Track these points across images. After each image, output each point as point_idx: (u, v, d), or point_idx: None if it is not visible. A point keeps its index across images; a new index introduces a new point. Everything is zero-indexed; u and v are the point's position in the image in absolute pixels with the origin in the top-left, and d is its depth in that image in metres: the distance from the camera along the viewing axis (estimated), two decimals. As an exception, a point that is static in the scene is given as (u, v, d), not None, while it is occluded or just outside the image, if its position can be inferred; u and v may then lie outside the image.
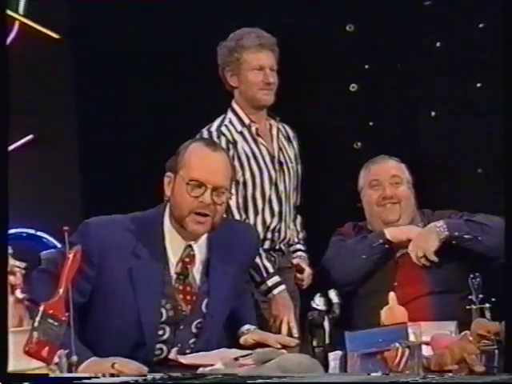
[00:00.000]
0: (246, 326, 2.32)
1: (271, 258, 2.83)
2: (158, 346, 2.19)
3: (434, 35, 3.57)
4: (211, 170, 2.18)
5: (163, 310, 2.18)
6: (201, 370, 1.83)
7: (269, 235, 2.86)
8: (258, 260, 2.75)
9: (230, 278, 2.26)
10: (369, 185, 2.90)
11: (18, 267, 1.67)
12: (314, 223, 3.14)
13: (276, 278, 2.76)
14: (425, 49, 3.59)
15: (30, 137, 3.65)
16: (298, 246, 3.00)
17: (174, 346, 2.20)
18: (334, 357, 1.74)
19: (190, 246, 2.20)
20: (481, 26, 3.54)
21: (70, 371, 1.63)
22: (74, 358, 1.66)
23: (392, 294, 2.26)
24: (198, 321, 2.22)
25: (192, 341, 2.22)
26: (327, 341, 1.79)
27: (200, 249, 2.23)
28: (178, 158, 2.21)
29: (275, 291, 2.74)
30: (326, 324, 1.79)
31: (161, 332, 2.19)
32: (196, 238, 2.21)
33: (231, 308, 2.31)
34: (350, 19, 3.63)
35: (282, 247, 2.91)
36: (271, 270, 2.76)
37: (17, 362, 1.58)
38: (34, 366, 1.58)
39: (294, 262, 2.95)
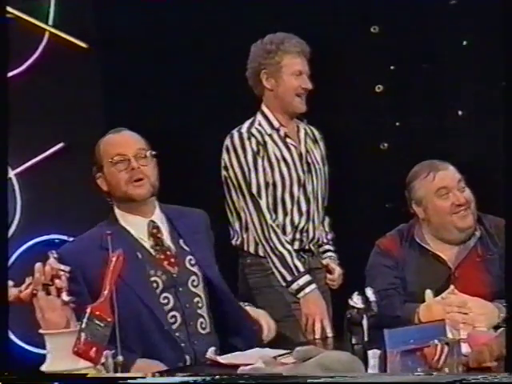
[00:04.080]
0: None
1: (301, 259, 2.86)
2: (170, 314, 2.31)
3: (459, 34, 3.57)
4: (124, 143, 2.41)
5: (156, 278, 2.32)
6: (241, 369, 1.85)
7: (297, 236, 2.89)
8: (288, 259, 2.80)
9: (201, 239, 2.45)
10: (436, 194, 2.68)
11: (63, 271, 1.71)
12: (343, 224, 3.17)
13: (307, 277, 2.79)
14: (450, 48, 3.60)
15: (60, 145, 3.71)
16: (327, 247, 3.03)
17: (184, 311, 2.32)
18: (372, 355, 1.76)
19: (152, 220, 2.40)
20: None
21: (116, 371, 1.68)
22: (120, 358, 1.71)
23: (428, 291, 2.29)
24: (192, 279, 2.37)
25: (196, 299, 2.36)
26: (366, 338, 1.82)
27: (161, 221, 2.42)
28: (96, 156, 2.43)
29: (307, 289, 2.77)
30: (365, 322, 1.82)
31: (165, 301, 2.31)
32: (151, 207, 2.41)
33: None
34: (374, 20, 3.64)
35: (312, 248, 2.95)
36: (302, 269, 2.80)
37: (65, 363, 1.62)
38: (81, 365, 1.62)
39: (324, 262, 2.99)
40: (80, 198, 3.59)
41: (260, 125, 2.93)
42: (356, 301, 1.85)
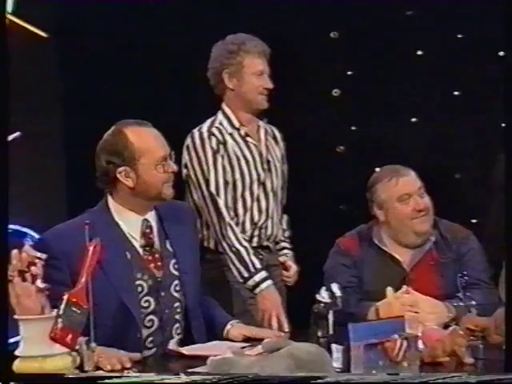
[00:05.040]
0: (231, 322, 2.43)
1: (259, 256, 2.91)
2: (148, 317, 2.30)
3: (415, 44, 3.69)
4: (163, 143, 2.36)
5: (142, 282, 2.30)
6: (210, 359, 1.89)
7: (256, 232, 2.95)
8: (245, 256, 2.85)
9: (187, 238, 2.43)
10: (398, 199, 2.73)
11: (39, 258, 1.74)
12: (299, 222, 3.24)
13: (263, 273, 2.84)
14: (406, 56, 3.72)
15: (17, 134, 3.69)
16: (284, 244, 3.10)
17: (162, 315, 2.31)
18: (336, 349, 1.84)
19: (146, 219, 2.36)
20: (459, 36, 3.69)
21: (89, 358, 1.71)
22: (93, 345, 1.75)
23: (390, 289, 2.38)
24: (175, 283, 2.36)
25: (176, 304, 2.35)
26: (331, 331, 1.89)
27: (154, 219, 2.38)
28: (127, 150, 2.31)
29: (263, 286, 2.83)
30: (330, 316, 1.90)
31: (146, 304, 2.30)
32: (152, 205, 2.37)
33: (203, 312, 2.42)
34: (334, 26, 3.75)
35: (270, 245, 3.01)
36: (258, 265, 2.85)
37: (40, 348, 1.65)
38: (56, 350, 1.65)
39: (281, 259, 3.06)
40: (37, 186, 3.59)
41: (221, 124, 2.98)
42: (323, 295, 1.93)
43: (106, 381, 1.57)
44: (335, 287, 1.95)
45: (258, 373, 1.65)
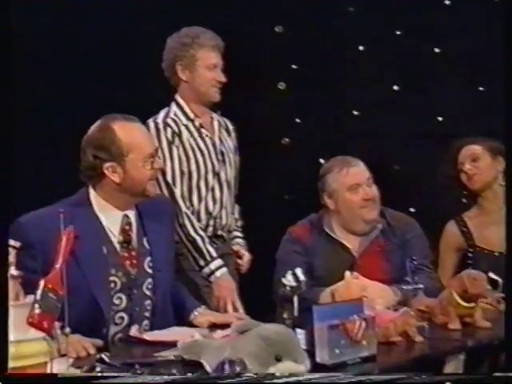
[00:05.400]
0: (198, 309, 2.49)
1: (213, 244, 2.99)
2: (118, 314, 2.33)
3: (357, 39, 3.80)
4: (151, 139, 2.44)
5: (116, 279, 2.32)
6: (180, 342, 1.96)
7: (211, 221, 3.03)
8: (201, 245, 2.92)
9: (164, 236, 2.45)
10: (348, 189, 2.85)
11: (13, 247, 1.76)
12: (251, 212, 3.33)
13: (219, 261, 2.92)
14: (349, 51, 3.83)
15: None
16: (237, 233, 3.19)
17: (132, 313, 2.34)
18: (299, 332, 1.93)
19: (126, 215, 2.37)
20: (398, 32, 3.82)
21: (63, 342, 1.76)
22: (67, 330, 1.79)
23: (348, 273, 2.50)
24: (148, 282, 2.37)
25: (147, 302, 2.37)
26: (296, 313, 1.99)
27: (133, 215, 2.40)
28: (115, 145, 2.30)
29: (218, 273, 2.90)
30: (295, 299, 2.00)
31: (118, 301, 2.32)
32: (134, 201, 2.38)
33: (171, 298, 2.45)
34: (278, 21, 3.82)
35: (224, 234, 3.09)
36: (214, 254, 2.93)
37: (15, 333, 1.68)
38: (31, 335, 1.69)
39: (234, 248, 3.14)
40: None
41: (175, 115, 3.03)
42: (289, 279, 2.02)
43: (102, 381, 1.61)
44: (299, 271, 2.05)
45: (229, 354, 1.72)
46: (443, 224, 3.14)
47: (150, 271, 2.38)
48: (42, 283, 1.70)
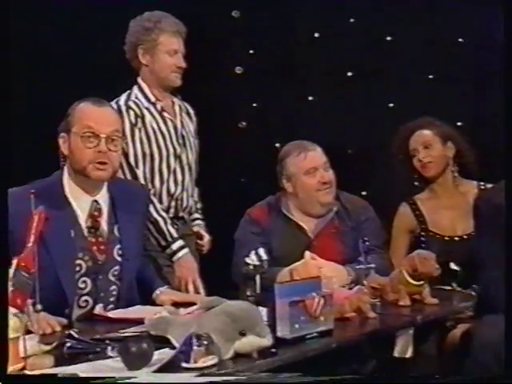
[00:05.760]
0: (160, 288, 2.56)
1: (174, 226, 3.06)
2: (83, 298, 2.39)
3: (312, 26, 3.87)
4: (101, 120, 2.39)
5: (82, 262, 2.38)
6: (147, 319, 2.03)
7: (173, 203, 3.10)
8: (163, 226, 2.99)
9: (135, 224, 2.50)
10: (305, 172, 2.94)
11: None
12: (210, 194, 3.41)
13: (180, 242, 2.99)
14: (304, 38, 3.90)
15: None
16: (196, 215, 3.26)
17: (97, 297, 2.40)
18: (262, 308, 2.03)
19: (96, 200, 2.42)
20: (351, 20, 3.92)
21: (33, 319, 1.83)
22: (38, 307, 1.86)
23: (308, 253, 2.60)
24: (114, 268, 2.43)
25: (112, 288, 2.44)
26: (258, 291, 2.09)
27: (104, 202, 2.44)
28: (68, 118, 2.40)
29: (180, 254, 2.98)
30: (257, 277, 2.10)
31: (83, 285, 2.39)
32: (101, 185, 2.41)
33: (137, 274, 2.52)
34: (236, 5, 3.86)
35: (185, 216, 3.16)
36: (175, 235, 3.00)
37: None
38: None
39: (194, 229, 3.22)
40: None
41: (137, 98, 3.08)
42: (253, 258, 2.11)
43: (99, 381, 1.68)
44: (262, 251, 2.14)
45: (195, 330, 1.81)
46: (396, 206, 3.26)
47: (118, 259, 2.44)
48: (15, 262, 1.77)
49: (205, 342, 1.75)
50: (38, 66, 3.55)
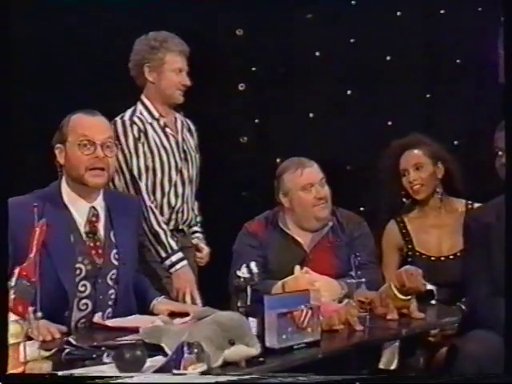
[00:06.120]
0: (158, 298, 2.67)
1: (174, 238, 3.16)
2: (83, 301, 2.50)
3: (313, 45, 3.96)
4: (96, 128, 2.52)
5: (82, 266, 2.49)
6: (142, 328, 2.13)
7: (173, 216, 3.20)
8: (163, 238, 3.09)
9: (131, 229, 2.62)
10: (302, 188, 3.03)
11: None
12: (210, 208, 3.51)
13: (179, 254, 3.09)
14: (305, 56, 3.99)
15: None
16: (196, 228, 3.37)
17: (96, 300, 2.51)
18: (251, 320, 2.12)
19: (93, 207, 2.54)
20: (352, 40, 4.01)
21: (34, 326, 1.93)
22: (39, 314, 1.96)
23: (297, 267, 2.70)
24: (112, 272, 2.55)
25: (111, 292, 2.55)
26: (249, 302, 2.18)
27: (101, 208, 2.56)
28: (63, 130, 2.54)
29: (178, 266, 3.08)
30: (248, 289, 2.19)
31: (82, 288, 2.50)
32: (97, 193, 2.53)
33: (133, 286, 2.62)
34: (239, 24, 3.96)
35: (184, 228, 3.27)
36: (175, 247, 3.10)
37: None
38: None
39: (194, 242, 3.33)
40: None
41: (141, 114, 3.20)
42: (243, 271, 2.21)
43: (97, 381, 1.76)
44: (253, 265, 2.24)
45: (187, 338, 1.91)
46: (386, 223, 3.33)
47: (115, 263, 2.55)
48: (17, 271, 1.87)
49: (195, 350, 1.85)
50: (38, 79, 3.64)
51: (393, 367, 2.40)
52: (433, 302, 2.76)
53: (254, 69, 4.03)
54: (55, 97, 3.60)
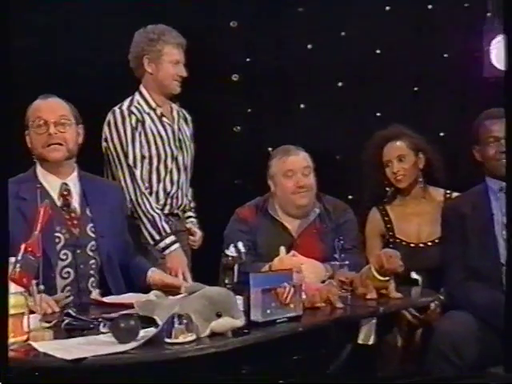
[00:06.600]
0: (152, 268, 2.84)
1: (169, 222, 3.31)
2: (65, 269, 2.67)
3: (305, 38, 4.09)
4: (49, 109, 2.73)
5: (60, 235, 2.67)
6: (136, 301, 2.28)
7: (168, 201, 3.35)
8: (158, 221, 3.24)
9: (107, 207, 2.78)
10: (284, 174, 3.17)
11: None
12: (203, 194, 3.66)
13: (172, 237, 3.25)
14: (298, 49, 4.10)
15: None
16: (190, 214, 3.53)
17: (77, 269, 2.67)
18: (238, 297, 2.27)
19: (65, 183, 2.75)
20: (343, 33, 4.14)
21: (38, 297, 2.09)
22: (41, 287, 2.12)
23: (282, 248, 2.86)
24: (91, 244, 2.72)
25: (92, 262, 2.72)
26: (236, 280, 2.34)
27: (74, 184, 2.76)
28: (26, 115, 2.77)
29: (172, 248, 3.23)
30: (235, 267, 2.35)
31: (64, 257, 2.67)
32: (67, 169, 2.74)
33: (127, 262, 2.78)
34: (233, 16, 4.07)
35: (179, 213, 3.42)
36: (168, 230, 3.25)
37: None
38: (12, 290, 2.01)
39: (188, 226, 3.49)
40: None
41: (139, 103, 3.34)
42: (232, 250, 2.37)
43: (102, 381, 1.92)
44: (240, 245, 2.40)
45: (177, 311, 2.07)
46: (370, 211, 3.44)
47: (92, 235, 2.73)
48: (23, 246, 2.03)
49: (185, 321, 2.01)
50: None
51: (370, 342, 2.56)
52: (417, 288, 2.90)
53: (247, 60, 4.13)
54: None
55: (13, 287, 2.01)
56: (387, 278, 2.72)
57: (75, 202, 2.73)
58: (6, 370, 1.88)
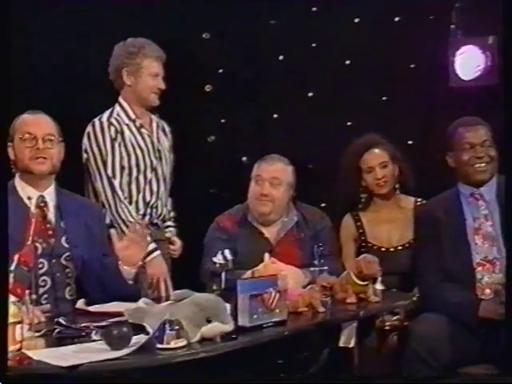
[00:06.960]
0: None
1: (149, 231, 3.36)
2: (42, 278, 2.71)
3: (277, 49, 4.20)
4: (37, 125, 2.82)
5: (38, 244, 2.70)
6: (126, 309, 2.33)
7: (148, 211, 3.41)
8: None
9: (82, 220, 2.85)
10: (254, 179, 3.26)
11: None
12: (181, 203, 3.71)
13: (153, 245, 3.29)
14: (269, 60, 4.22)
15: None
16: (169, 223, 3.58)
17: (54, 277, 2.73)
18: (227, 305, 2.33)
19: (42, 195, 2.81)
20: (314, 45, 4.24)
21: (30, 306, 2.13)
22: (34, 296, 2.17)
23: (267, 255, 2.93)
24: (66, 254, 2.78)
25: (67, 270, 2.77)
26: (223, 286, 2.40)
27: (51, 197, 2.82)
28: (11, 130, 2.82)
29: (153, 254, 3.28)
30: (223, 274, 2.41)
31: (40, 265, 2.72)
32: (46, 183, 2.80)
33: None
34: (206, 27, 4.17)
35: (158, 223, 3.48)
36: (148, 238, 3.29)
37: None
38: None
39: (167, 235, 3.54)
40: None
41: (118, 115, 3.39)
42: (219, 257, 2.43)
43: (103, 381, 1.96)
44: (227, 252, 2.46)
45: (168, 317, 2.12)
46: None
47: (66, 246, 2.79)
48: (16, 257, 2.07)
49: (176, 327, 2.07)
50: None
51: (351, 345, 2.64)
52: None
53: (220, 71, 4.22)
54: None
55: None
56: (366, 283, 2.81)
57: (51, 214, 2.79)
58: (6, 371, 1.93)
